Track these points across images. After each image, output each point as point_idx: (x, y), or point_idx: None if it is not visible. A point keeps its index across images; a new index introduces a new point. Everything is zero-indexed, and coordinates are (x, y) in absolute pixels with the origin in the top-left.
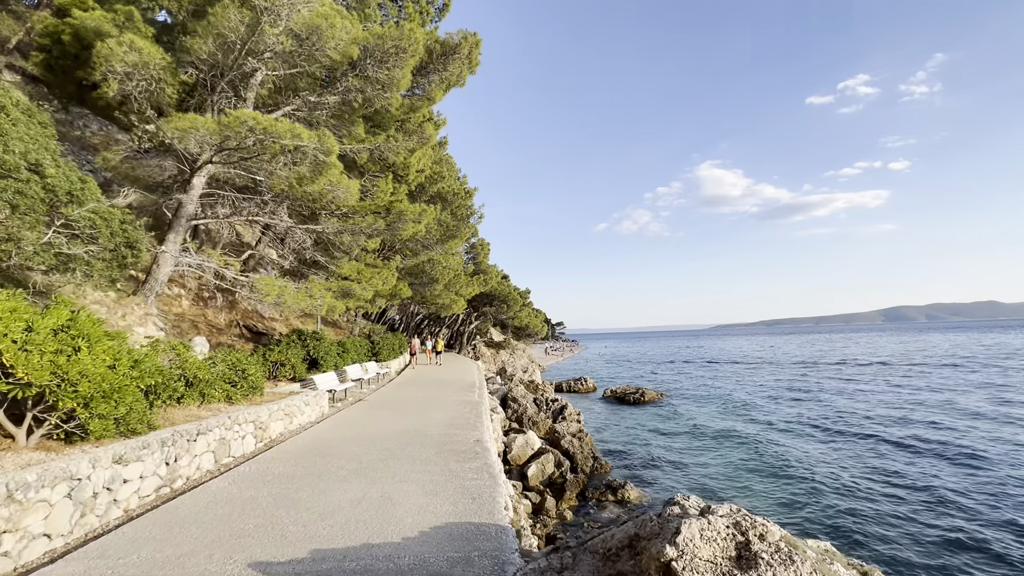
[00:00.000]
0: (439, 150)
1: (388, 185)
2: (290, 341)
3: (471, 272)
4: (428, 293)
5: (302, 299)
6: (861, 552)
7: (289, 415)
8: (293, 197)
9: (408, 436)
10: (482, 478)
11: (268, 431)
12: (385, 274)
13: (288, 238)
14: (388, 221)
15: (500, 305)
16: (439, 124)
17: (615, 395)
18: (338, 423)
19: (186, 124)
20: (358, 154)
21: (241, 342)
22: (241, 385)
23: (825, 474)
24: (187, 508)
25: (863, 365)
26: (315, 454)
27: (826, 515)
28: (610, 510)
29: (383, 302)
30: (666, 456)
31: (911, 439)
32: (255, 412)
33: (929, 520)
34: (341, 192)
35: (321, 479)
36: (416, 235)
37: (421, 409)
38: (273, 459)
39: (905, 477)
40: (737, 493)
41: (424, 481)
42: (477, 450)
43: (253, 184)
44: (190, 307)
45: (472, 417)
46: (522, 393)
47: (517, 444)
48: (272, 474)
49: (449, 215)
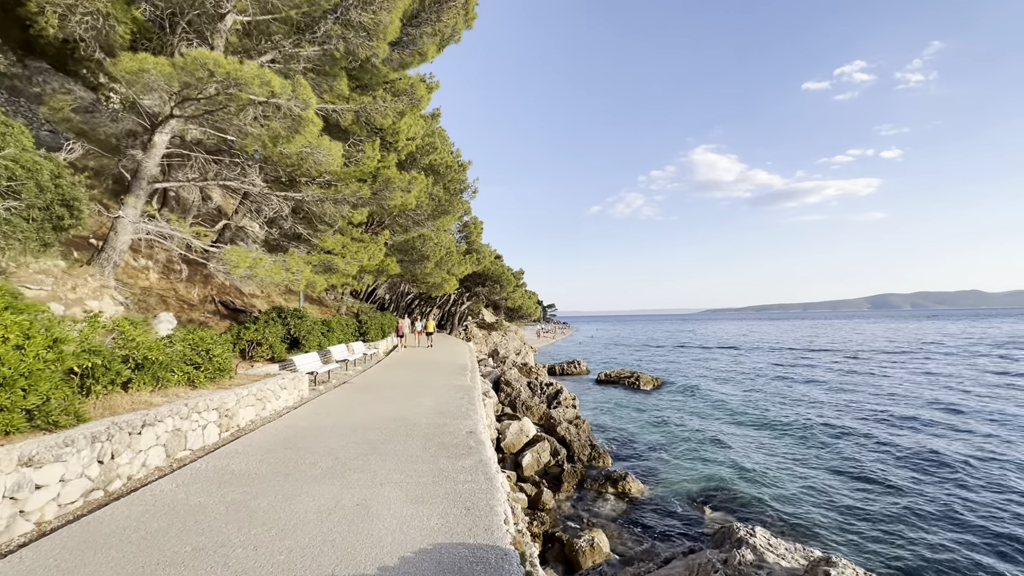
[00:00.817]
0: (432, 122)
1: (375, 151)
2: (269, 319)
3: (464, 251)
4: (418, 271)
5: (277, 272)
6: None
7: (262, 400)
8: (269, 160)
9: (393, 426)
10: (476, 480)
11: (235, 419)
12: (372, 249)
13: (264, 206)
14: (374, 189)
15: (493, 285)
16: (432, 87)
17: (609, 378)
18: (317, 409)
19: (136, 65)
20: (341, 115)
21: (216, 319)
22: (206, 367)
23: (833, 464)
24: (114, 521)
25: (853, 353)
26: (286, 447)
27: (835, 510)
28: (611, 504)
29: (370, 279)
30: (665, 444)
31: (909, 432)
32: (220, 398)
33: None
34: (322, 155)
35: (288, 480)
36: (405, 207)
37: (409, 394)
38: (236, 453)
39: (912, 469)
40: (741, 486)
41: (409, 484)
42: (470, 443)
43: (226, 146)
44: (158, 281)
45: (464, 404)
46: (516, 376)
47: (511, 432)
48: (231, 473)
49: (441, 189)
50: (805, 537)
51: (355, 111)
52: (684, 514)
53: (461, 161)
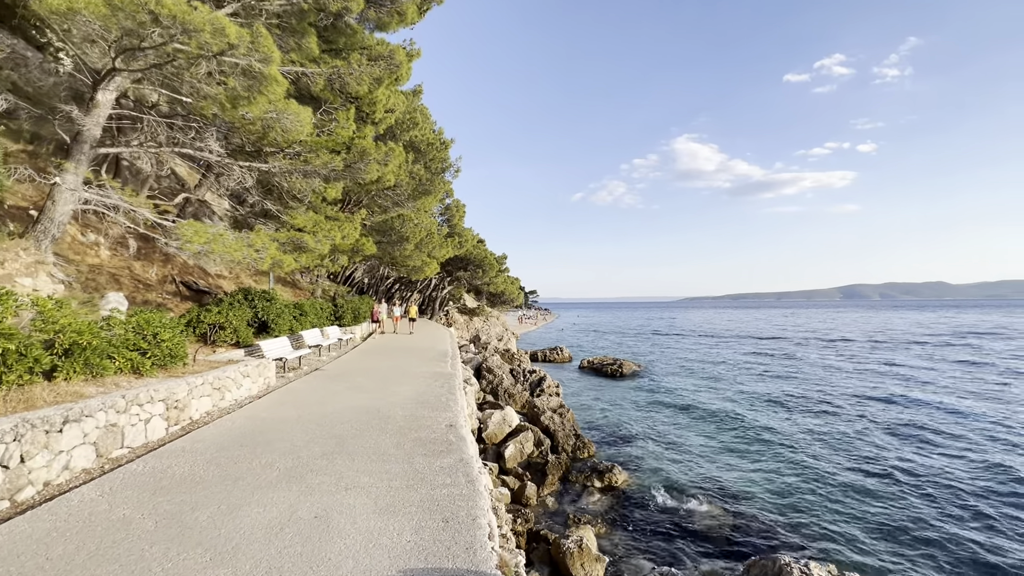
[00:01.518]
0: (413, 99)
1: (350, 121)
2: (234, 301)
3: (445, 234)
4: (398, 253)
5: (237, 249)
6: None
7: (221, 389)
8: (232, 127)
9: (366, 418)
10: (456, 483)
11: (187, 411)
12: (346, 227)
13: (225, 177)
14: (348, 161)
15: (475, 270)
16: (412, 55)
17: (592, 366)
18: (283, 399)
19: (64, 4)
20: (312, 79)
21: (176, 301)
22: (152, 353)
23: (811, 451)
24: (8, 544)
25: (829, 340)
26: (242, 444)
27: (822, 494)
28: (597, 497)
29: (345, 260)
30: (650, 433)
31: (892, 416)
32: (168, 387)
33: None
34: (289, 121)
35: (238, 485)
36: (383, 184)
37: (385, 382)
38: (183, 452)
39: (893, 452)
40: (729, 475)
41: (379, 489)
42: (450, 438)
43: (182, 110)
44: (111, 258)
45: (444, 393)
46: (498, 363)
47: (493, 421)
48: (172, 476)
49: (423, 168)
50: (798, 525)
51: (327, 76)
52: (673, 507)
53: (443, 139)
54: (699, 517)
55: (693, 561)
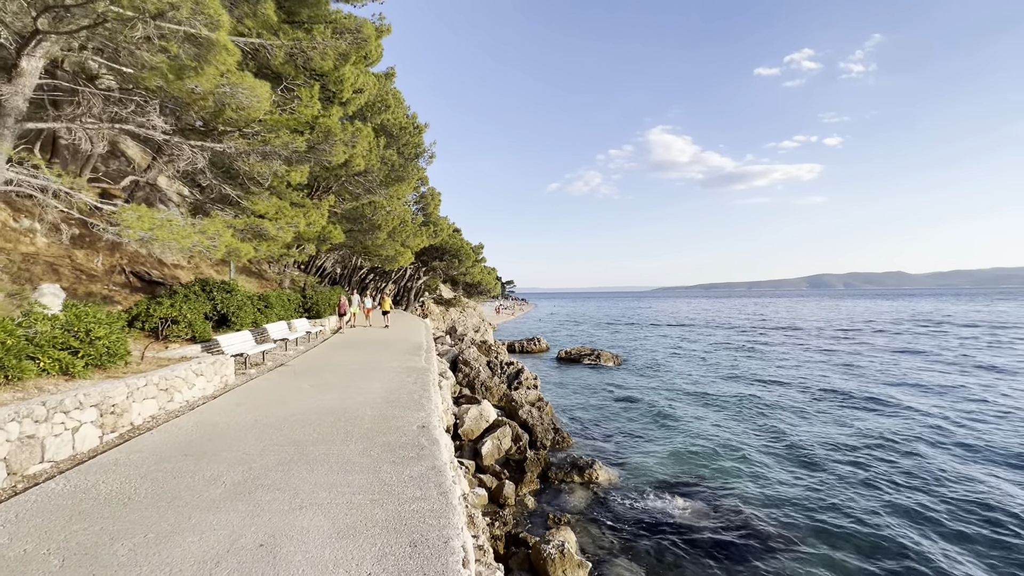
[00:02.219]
0: (385, 82)
1: (313, 98)
2: (190, 292)
3: (420, 223)
4: (370, 242)
5: (186, 236)
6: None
7: (169, 390)
8: (181, 102)
9: (330, 420)
10: (428, 496)
11: (127, 416)
12: (312, 214)
13: (176, 159)
14: (311, 142)
15: (451, 260)
16: (382, 30)
17: (570, 356)
18: (241, 399)
19: None
20: (271, 52)
21: (125, 293)
22: (86, 352)
23: (792, 440)
24: None
25: (798, 329)
26: (187, 453)
27: (801, 494)
28: (578, 495)
29: (312, 248)
30: (629, 426)
31: (861, 400)
32: (103, 390)
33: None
34: (244, 96)
35: (174, 506)
36: (352, 168)
37: (355, 378)
38: (115, 465)
39: (868, 440)
40: (710, 467)
41: (339, 506)
42: (422, 442)
43: (126, 83)
44: (48, 246)
45: (417, 389)
46: (474, 356)
47: (470, 417)
48: (95, 497)
49: (395, 153)
50: (779, 518)
51: (288, 49)
52: (655, 504)
53: (417, 123)
54: (682, 513)
55: (679, 563)
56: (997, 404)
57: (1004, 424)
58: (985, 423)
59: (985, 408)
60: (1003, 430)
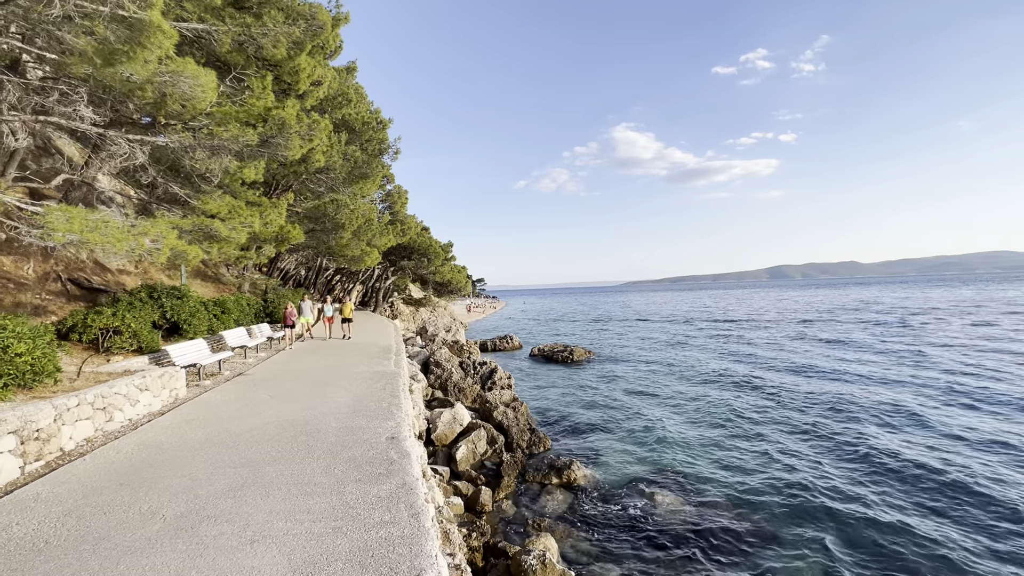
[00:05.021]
0: (347, 77)
1: (266, 90)
2: (135, 300)
3: (387, 221)
4: (334, 242)
5: (121, 239)
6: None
7: (107, 408)
8: (119, 93)
9: (291, 434)
10: (397, 519)
11: (56, 441)
12: (269, 214)
13: (109, 152)
14: (264, 135)
15: (420, 259)
16: (339, 19)
17: (543, 353)
18: (191, 415)
19: None
20: (216, 38)
21: (61, 302)
22: (2, 371)
23: (764, 430)
24: None
25: (765, 320)
26: (122, 482)
27: (776, 479)
28: (557, 497)
29: (271, 250)
30: (605, 422)
31: (829, 388)
32: (23, 414)
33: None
34: (187, 85)
35: (99, 549)
36: (312, 164)
37: (319, 387)
38: (35, 500)
39: (836, 428)
40: (688, 462)
41: (297, 537)
42: (391, 455)
43: (54, 72)
44: None
45: (386, 396)
46: (446, 356)
47: (443, 421)
48: (3, 544)
49: (358, 149)
50: (758, 508)
51: (235, 35)
52: (636, 501)
53: (381, 118)
54: (663, 511)
55: (663, 563)
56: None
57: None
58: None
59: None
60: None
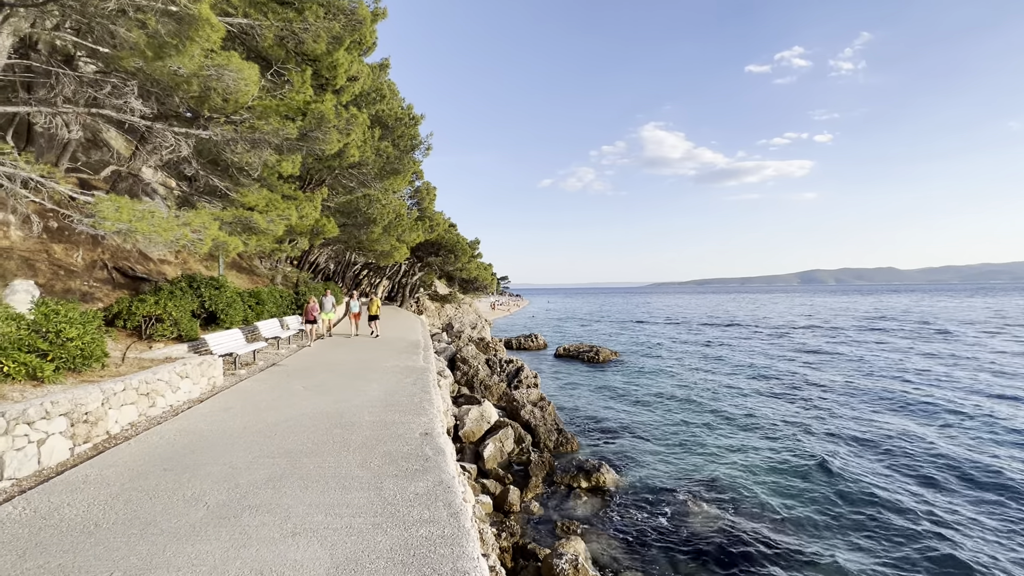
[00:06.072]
0: (380, 73)
1: (306, 84)
2: (176, 289)
3: (415, 217)
4: (364, 237)
5: (168, 229)
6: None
7: (150, 394)
8: (165, 86)
9: (326, 426)
10: (437, 518)
11: (103, 424)
12: (305, 207)
13: (159, 147)
14: (303, 128)
15: (447, 255)
16: (377, 14)
17: (568, 353)
18: (229, 403)
19: None
20: (259, 33)
21: (107, 289)
22: (55, 354)
23: (798, 436)
24: None
25: (799, 328)
26: (166, 467)
27: (815, 491)
28: (585, 500)
29: (305, 243)
30: (634, 424)
31: (862, 396)
32: (73, 397)
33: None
34: (230, 78)
35: (147, 534)
36: (347, 159)
37: (350, 379)
38: (84, 482)
39: (876, 437)
40: (720, 468)
41: (338, 532)
42: (426, 451)
43: (103, 64)
44: (23, 240)
45: (417, 392)
46: (473, 353)
47: (471, 418)
48: (57, 524)
49: (390, 145)
50: (796, 520)
51: (277, 30)
52: (667, 509)
53: (413, 114)
54: (696, 521)
55: (697, 574)
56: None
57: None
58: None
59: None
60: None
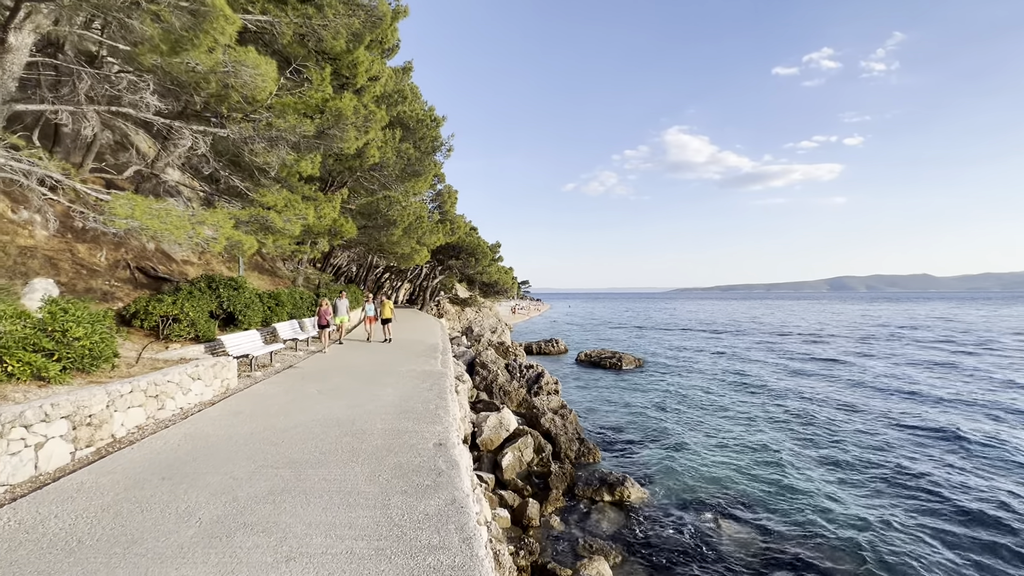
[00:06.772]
0: (402, 77)
1: (325, 82)
2: (194, 289)
3: (436, 220)
4: (385, 239)
5: (180, 227)
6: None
7: (159, 396)
8: (183, 83)
9: (336, 434)
10: (448, 544)
11: (108, 427)
12: (324, 207)
13: (175, 144)
14: (321, 126)
15: (468, 259)
16: (398, 12)
17: (589, 359)
18: (240, 407)
19: None
20: (277, 29)
21: (128, 289)
22: (62, 354)
23: (831, 449)
24: None
25: (832, 336)
26: (163, 476)
27: (855, 515)
28: (609, 516)
29: (324, 244)
30: (658, 435)
31: (891, 412)
32: (76, 399)
33: None
34: (248, 74)
35: (129, 555)
36: (367, 160)
37: (366, 383)
38: (78, 490)
39: (934, 461)
40: (752, 484)
41: (336, 558)
42: (439, 464)
43: (122, 62)
44: (48, 240)
45: (433, 398)
46: (492, 358)
47: (489, 425)
48: (37, 540)
49: (411, 147)
50: (835, 543)
51: (296, 26)
52: (695, 527)
53: (435, 116)
54: (727, 542)
55: None
56: None
57: None
58: None
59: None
60: None
